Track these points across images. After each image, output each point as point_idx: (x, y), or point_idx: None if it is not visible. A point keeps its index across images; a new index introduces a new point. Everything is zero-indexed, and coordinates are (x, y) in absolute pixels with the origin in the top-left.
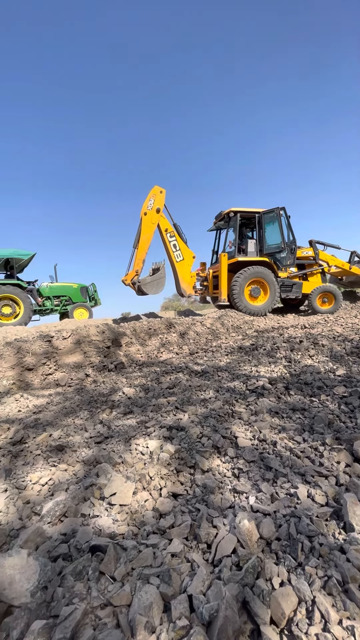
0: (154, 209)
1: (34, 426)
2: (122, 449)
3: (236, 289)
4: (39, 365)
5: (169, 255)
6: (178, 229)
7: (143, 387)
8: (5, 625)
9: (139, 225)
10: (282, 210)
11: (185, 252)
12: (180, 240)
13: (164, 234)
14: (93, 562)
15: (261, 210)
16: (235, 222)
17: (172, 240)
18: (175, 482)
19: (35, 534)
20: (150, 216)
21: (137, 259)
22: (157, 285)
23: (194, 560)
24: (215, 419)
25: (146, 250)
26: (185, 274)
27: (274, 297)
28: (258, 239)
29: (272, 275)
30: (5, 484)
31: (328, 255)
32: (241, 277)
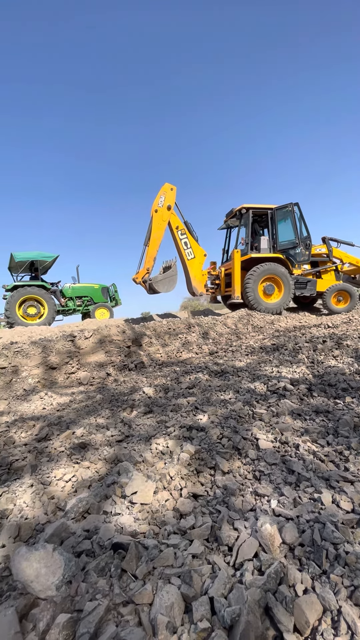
0: (165, 206)
1: (57, 424)
2: (142, 448)
3: (250, 286)
4: (62, 364)
5: (180, 253)
6: (189, 227)
7: (163, 387)
8: (32, 617)
9: (149, 223)
10: (296, 205)
11: (197, 250)
12: (191, 238)
13: (175, 232)
14: (115, 560)
15: (274, 207)
16: (247, 218)
17: (183, 237)
18: (195, 483)
19: (60, 530)
20: (161, 213)
21: (148, 257)
22: (169, 283)
23: (214, 563)
24: (235, 420)
25: (157, 248)
26: (197, 272)
27: (288, 295)
28: (271, 236)
29: (286, 272)
30: (31, 479)
31: (342, 252)
32: (255, 274)
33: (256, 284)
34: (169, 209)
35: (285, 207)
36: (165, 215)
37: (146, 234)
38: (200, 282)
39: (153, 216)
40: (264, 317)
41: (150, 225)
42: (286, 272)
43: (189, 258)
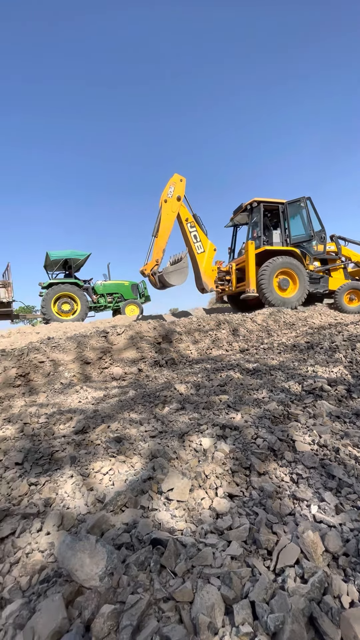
0: (175, 197)
1: (93, 417)
2: (176, 445)
3: (265, 279)
4: (96, 359)
5: (189, 247)
6: (198, 220)
7: (194, 384)
8: (77, 604)
9: (158, 213)
10: (308, 199)
11: (206, 243)
12: (200, 231)
13: (184, 224)
14: (154, 555)
15: (285, 201)
16: (258, 212)
17: (192, 230)
18: (230, 483)
19: (101, 521)
20: (170, 204)
21: (156, 248)
22: (180, 275)
23: (254, 566)
24: (269, 420)
25: (166, 240)
26: (207, 267)
27: (304, 289)
28: (283, 230)
29: (301, 266)
30: (71, 470)
31: (351, 251)
32: (270, 267)
33: (271, 277)
34: (178, 199)
35: (298, 201)
36: (175, 206)
37: (155, 225)
38: (211, 277)
39: (162, 206)
40: (295, 313)
41: (159, 216)
42: (301, 267)
43: (198, 252)
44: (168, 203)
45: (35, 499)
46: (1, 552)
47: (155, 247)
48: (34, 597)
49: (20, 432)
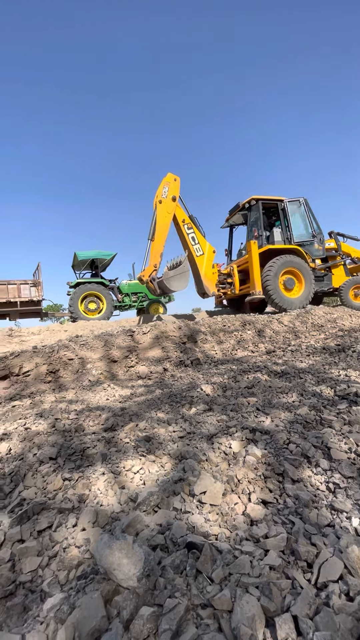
0: (169, 197)
1: (121, 415)
2: (205, 447)
3: (270, 279)
4: (122, 357)
5: (187, 250)
6: (195, 221)
7: (221, 385)
8: (115, 603)
9: (153, 215)
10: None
11: (205, 245)
12: (198, 232)
13: (181, 226)
14: (190, 559)
15: (285, 198)
16: (257, 210)
17: (190, 232)
18: (263, 489)
19: (135, 521)
20: (165, 205)
21: (154, 252)
22: (181, 280)
23: (294, 578)
24: (302, 425)
25: (163, 243)
26: (208, 270)
27: (310, 289)
28: (284, 228)
29: (306, 265)
30: (102, 467)
31: (350, 247)
32: (275, 267)
33: (277, 277)
34: (173, 200)
35: (297, 201)
36: (170, 207)
37: (150, 228)
38: (212, 280)
39: (157, 208)
40: (324, 314)
41: (154, 218)
42: (306, 265)
43: (197, 254)
44: (163, 204)
45: (69, 494)
46: (40, 544)
47: (153, 251)
48: (72, 592)
49: (52, 427)
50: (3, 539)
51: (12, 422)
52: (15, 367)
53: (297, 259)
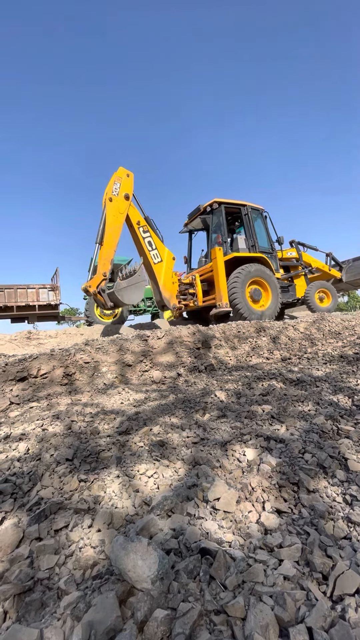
0: (122, 195)
1: (135, 419)
2: (219, 453)
3: (237, 290)
4: (137, 362)
5: (143, 256)
6: (151, 223)
7: (235, 392)
8: (130, 604)
9: (102, 215)
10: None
11: (164, 251)
12: (156, 237)
13: (135, 228)
14: (203, 565)
15: (248, 203)
16: (220, 215)
17: (146, 236)
18: (277, 498)
19: (149, 525)
20: (117, 203)
21: (102, 259)
22: (136, 291)
23: (309, 590)
24: (318, 434)
25: (114, 247)
26: (167, 279)
27: (277, 300)
28: (249, 234)
29: (272, 275)
30: (117, 470)
31: (310, 257)
32: (241, 276)
33: (243, 287)
34: (126, 198)
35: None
36: (123, 206)
37: (98, 230)
38: (172, 291)
39: (107, 206)
40: (342, 321)
41: (103, 218)
42: (272, 275)
43: (155, 262)
44: (114, 202)
45: (85, 495)
46: (57, 543)
47: (101, 257)
48: (88, 591)
49: (68, 429)
50: (22, 536)
51: (29, 423)
52: (33, 369)
53: (264, 268)
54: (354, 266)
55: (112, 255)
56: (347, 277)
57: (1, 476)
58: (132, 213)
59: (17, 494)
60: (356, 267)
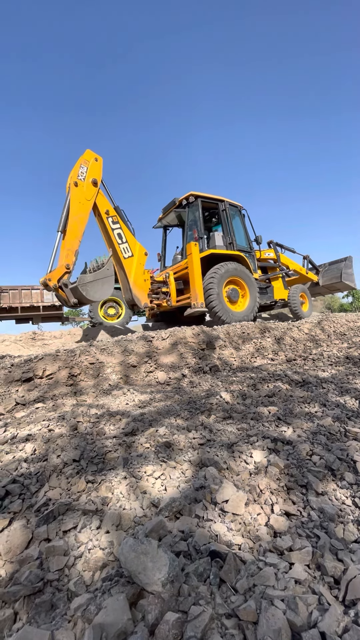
0: (89, 180)
1: (140, 420)
2: (225, 455)
3: (213, 290)
4: (141, 363)
5: (112, 249)
6: (122, 214)
7: (240, 393)
8: (140, 607)
9: (65, 201)
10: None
11: (135, 246)
12: (126, 229)
13: (104, 218)
14: (213, 568)
15: (225, 199)
16: (197, 209)
17: (115, 227)
18: (286, 500)
19: (158, 526)
20: (83, 189)
21: (65, 250)
22: (104, 286)
23: (321, 594)
24: (325, 436)
25: (80, 237)
26: (138, 276)
27: (255, 301)
28: (226, 231)
29: (250, 274)
30: (124, 471)
31: (288, 258)
32: (217, 275)
33: (220, 287)
34: (94, 184)
35: (236, 206)
36: (90, 193)
37: (61, 218)
38: (143, 289)
39: (71, 191)
40: (347, 322)
41: (67, 205)
42: (251, 275)
43: (125, 256)
44: (80, 188)
45: (93, 497)
46: (66, 544)
47: (64, 248)
48: (98, 593)
49: (74, 430)
50: (31, 536)
51: (35, 424)
52: (38, 370)
53: (242, 267)
54: (330, 270)
55: (77, 246)
56: (323, 280)
57: (9, 477)
58: (101, 201)
59: (25, 494)
60: (332, 271)
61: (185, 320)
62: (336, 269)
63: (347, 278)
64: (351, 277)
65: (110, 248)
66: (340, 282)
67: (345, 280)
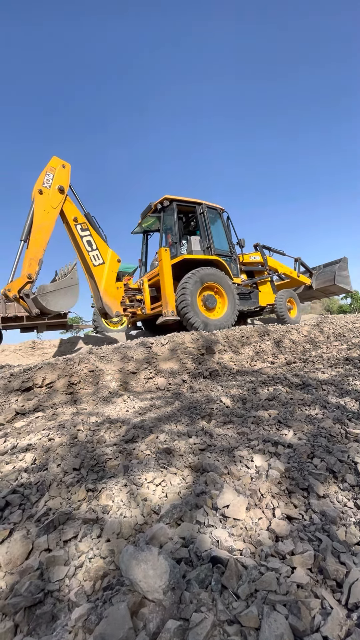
0: (55, 187)
1: (141, 427)
2: (226, 460)
3: (186, 297)
4: (141, 369)
5: (81, 257)
6: (92, 221)
7: (240, 397)
8: (141, 615)
9: (30, 210)
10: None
11: (106, 252)
12: (97, 235)
13: (72, 225)
14: (215, 574)
15: (203, 202)
16: (172, 213)
17: (84, 234)
18: (288, 504)
19: (159, 534)
20: (48, 196)
21: (27, 259)
22: (65, 297)
23: (323, 598)
24: (326, 438)
25: (44, 246)
26: (109, 284)
27: (234, 308)
28: (204, 235)
29: (228, 279)
30: (124, 479)
31: (276, 262)
32: (191, 281)
33: (194, 294)
34: (61, 191)
35: (216, 209)
36: (55, 200)
37: (24, 227)
38: (115, 297)
39: (35, 199)
40: (345, 324)
41: (31, 214)
42: (228, 279)
43: (95, 264)
44: (44, 195)
45: (93, 505)
46: (66, 554)
47: (26, 257)
48: (99, 603)
49: (74, 438)
50: (31, 547)
51: (35, 433)
52: (38, 379)
53: (219, 273)
54: (325, 272)
55: (41, 255)
56: (317, 283)
57: (9, 487)
58: (68, 208)
59: (25, 504)
60: (327, 273)
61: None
62: (330, 271)
63: (341, 280)
64: (346, 280)
65: (79, 256)
66: (334, 285)
67: (339, 282)
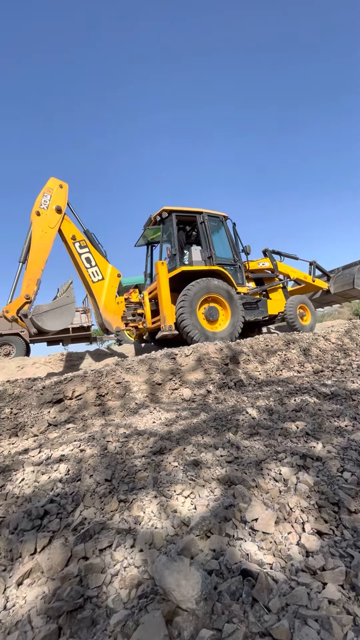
0: (52, 208)
1: (168, 438)
2: (253, 472)
3: (186, 310)
4: (166, 380)
5: (80, 274)
6: (91, 237)
7: (267, 408)
8: (176, 624)
9: (28, 231)
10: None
11: (106, 268)
12: (96, 252)
13: (70, 243)
14: (245, 587)
15: (203, 210)
16: (171, 224)
17: (83, 252)
18: (317, 519)
19: (190, 545)
20: (46, 217)
21: (26, 279)
22: (62, 315)
23: (356, 615)
24: (356, 451)
25: (42, 266)
26: (109, 300)
27: (238, 318)
28: (205, 245)
29: (231, 289)
30: (154, 490)
31: (288, 267)
32: (190, 294)
33: (194, 306)
34: (58, 211)
35: (217, 217)
36: (53, 221)
37: (23, 248)
38: (116, 313)
39: (33, 222)
40: None
41: (29, 235)
42: (231, 289)
43: (94, 280)
44: (42, 217)
45: (125, 516)
46: (102, 562)
47: (25, 278)
48: (135, 610)
49: (104, 450)
50: (70, 554)
51: (67, 444)
52: (68, 391)
53: (221, 283)
54: (343, 275)
55: (39, 275)
56: (335, 287)
57: (47, 497)
58: (66, 227)
59: (62, 514)
60: (345, 276)
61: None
62: (349, 274)
63: None
64: None
65: (78, 273)
66: (353, 289)
67: (358, 286)
